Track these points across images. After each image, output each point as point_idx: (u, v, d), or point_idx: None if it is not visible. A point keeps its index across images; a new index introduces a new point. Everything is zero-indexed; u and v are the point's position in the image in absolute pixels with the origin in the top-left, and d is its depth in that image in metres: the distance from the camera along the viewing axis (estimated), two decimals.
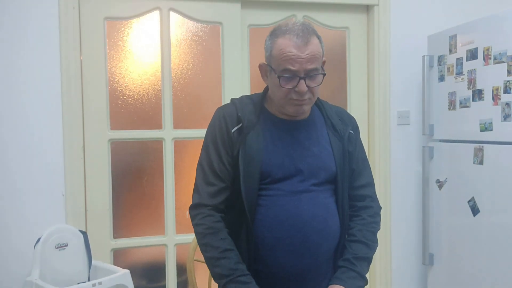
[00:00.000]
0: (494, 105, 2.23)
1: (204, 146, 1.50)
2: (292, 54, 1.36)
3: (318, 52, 1.39)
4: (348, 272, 1.45)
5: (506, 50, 2.17)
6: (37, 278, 2.03)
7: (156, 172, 2.59)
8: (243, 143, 1.43)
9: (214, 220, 1.43)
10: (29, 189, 2.33)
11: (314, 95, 1.44)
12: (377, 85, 2.82)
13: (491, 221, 2.27)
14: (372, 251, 1.51)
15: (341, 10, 2.82)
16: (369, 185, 1.60)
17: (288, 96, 1.41)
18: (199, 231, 1.44)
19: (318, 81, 1.41)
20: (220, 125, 1.47)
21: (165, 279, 2.61)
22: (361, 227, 1.52)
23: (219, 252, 1.39)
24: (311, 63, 1.37)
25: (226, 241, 1.41)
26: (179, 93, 2.61)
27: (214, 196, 1.45)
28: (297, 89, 1.38)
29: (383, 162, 2.83)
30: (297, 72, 1.37)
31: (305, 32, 1.38)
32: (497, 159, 2.24)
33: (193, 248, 1.82)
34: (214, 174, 1.45)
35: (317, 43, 1.40)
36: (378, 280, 2.86)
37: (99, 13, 2.45)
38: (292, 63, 1.36)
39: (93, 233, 2.41)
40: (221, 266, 1.38)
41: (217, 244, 1.40)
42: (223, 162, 1.45)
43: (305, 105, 1.44)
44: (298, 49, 1.36)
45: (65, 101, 2.37)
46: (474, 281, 2.38)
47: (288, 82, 1.38)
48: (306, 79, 1.38)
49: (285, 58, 1.37)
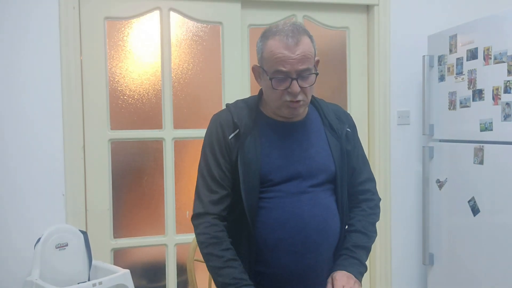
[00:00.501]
0: (494, 105, 2.23)
1: (202, 155, 1.50)
2: (282, 55, 1.35)
3: (309, 52, 1.38)
4: (349, 259, 1.47)
5: (506, 50, 2.17)
6: (37, 278, 2.03)
7: (156, 172, 2.59)
8: (241, 149, 1.43)
9: (217, 230, 1.43)
10: (29, 189, 2.33)
11: (307, 96, 1.42)
12: (377, 85, 2.82)
13: (491, 221, 2.27)
14: (371, 240, 1.54)
15: (341, 10, 2.82)
16: (369, 180, 1.62)
17: (282, 99, 1.40)
18: (202, 240, 1.43)
19: (311, 81, 1.40)
20: (217, 133, 1.47)
21: (165, 279, 2.61)
22: (361, 218, 1.55)
23: (223, 262, 1.39)
24: (302, 64, 1.36)
25: (230, 251, 1.41)
26: (179, 93, 2.61)
27: (216, 204, 1.45)
28: (289, 90, 1.37)
29: (383, 162, 2.83)
30: (289, 73, 1.36)
31: (295, 32, 1.37)
32: (497, 159, 2.24)
33: (193, 248, 1.82)
34: (215, 182, 1.45)
35: (308, 42, 1.38)
36: (378, 280, 2.86)
37: (99, 13, 2.45)
38: (283, 64, 1.35)
39: (93, 233, 2.41)
40: (225, 276, 1.38)
41: (221, 254, 1.40)
42: (222, 170, 1.45)
43: (299, 108, 1.43)
44: (289, 50, 1.35)
45: (65, 101, 2.37)
46: (474, 281, 2.38)
47: (281, 84, 1.37)
48: (298, 79, 1.36)
49: (276, 59, 1.36)
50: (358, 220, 1.55)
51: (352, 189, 1.58)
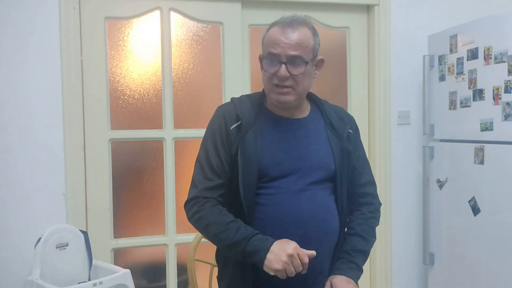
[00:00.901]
0: (495, 104, 2.23)
1: (203, 143, 1.51)
2: (276, 38, 1.40)
3: (305, 41, 1.40)
4: (347, 263, 1.48)
5: (506, 50, 2.16)
6: (37, 278, 2.03)
7: (156, 172, 2.60)
8: (242, 142, 1.44)
9: (212, 204, 1.43)
10: (30, 189, 2.33)
11: (298, 84, 1.42)
12: (378, 84, 2.82)
13: (492, 221, 2.27)
14: (369, 244, 1.55)
15: (342, 10, 2.82)
16: (370, 183, 1.62)
17: (271, 82, 1.42)
18: (198, 216, 1.43)
19: (301, 69, 1.40)
20: (219, 123, 1.48)
21: (166, 278, 2.61)
22: (361, 222, 1.56)
23: (224, 225, 1.38)
24: (294, 50, 1.38)
25: (228, 216, 1.40)
26: (180, 93, 2.61)
27: (211, 190, 1.45)
28: (278, 73, 1.39)
29: (384, 162, 2.83)
30: (279, 56, 1.39)
31: (295, 21, 1.41)
32: (497, 159, 2.24)
33: (193, 247, 1.82)
34: (212, 170, 1.45)
35: (307, 33, 1.41)
36: (379, 280, 2.86)
37: (99, 13, 2.45)
38: (275, 47, 1.39)
39: (93, 233, 2.41)
40: (229, 236, 1.36)
41: (220, 220, 1.39)
42: (221, 159, 1.46)
43: (288, 95, 1.43)
44: (284, 35, 1.39)
45: (65, 100, 2.37)
46: (474, 281, 2.38)
47: (270, 66, 1.40)
48: (287, 64, 1.38)
49: (270, 42, 1.41)
50: (358, 223, 1.55)
51: (353, 190, 1.58)
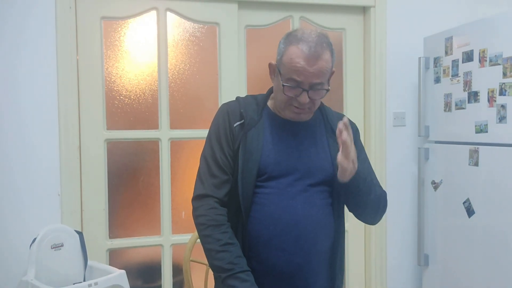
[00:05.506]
0: (490, 107, 2.24)
1: (207, 140, 1.54)
2: (300, 66, 1.38)
3: (326, 68, 1.41)
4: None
5: (501, 52, 2.18)
6: (32, 278, 2.03)
7: (152, 173, 2.59)
8: (244, 139, 1.46)
9: (217, 213, 1.45)
10: (25, 189, 2.32)
11: (315, 105, 1.47)
12: (373, 86, 2.83)
13: (486, 223, 2.28)
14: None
15: (338, 11, 2.83)
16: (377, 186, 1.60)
17: (288, 102, 1.45)
18: (202, 221, 1.44)
19: (321, 94, 1.44)
20: (223, 119, 1.51)
21: (161, 279, 2.61)
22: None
23: (220, 245, 1.40)
24: (317, 78, 1.40)
25: (228, 235, 1.42)
26: (176, 94, 2.61)
27: (218, 188, 1.47)
28: (299, 98, 1.41)
29: (379, 163, 2.83)
30: (302, 83, 1.40)
31: (318, 45, 1.39)
32: (492, 161, 2.25)
33: (189, 248, 1.82)
34: (217, 166, 1.48)
35: (327, 58, 1.41)
36: (374, 281, 2.87)
37: (95, 13, 2.45)
38: (298, 74, 1.39)
39: (89, 233, 2.40)
40: (221, 260, 1.38)
41: (219, 237, 1.41)
42: (225, 155, 1.48)
43: (305, 114, 1.48)
44: (307, 62, 1.38)
45: (61, 100, 2.36)
46: (469, 282, 2.39)
47: (291, 91, 1.42)
48: (309, 91, 1.40)
49: (293, 68, 1.39)
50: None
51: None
